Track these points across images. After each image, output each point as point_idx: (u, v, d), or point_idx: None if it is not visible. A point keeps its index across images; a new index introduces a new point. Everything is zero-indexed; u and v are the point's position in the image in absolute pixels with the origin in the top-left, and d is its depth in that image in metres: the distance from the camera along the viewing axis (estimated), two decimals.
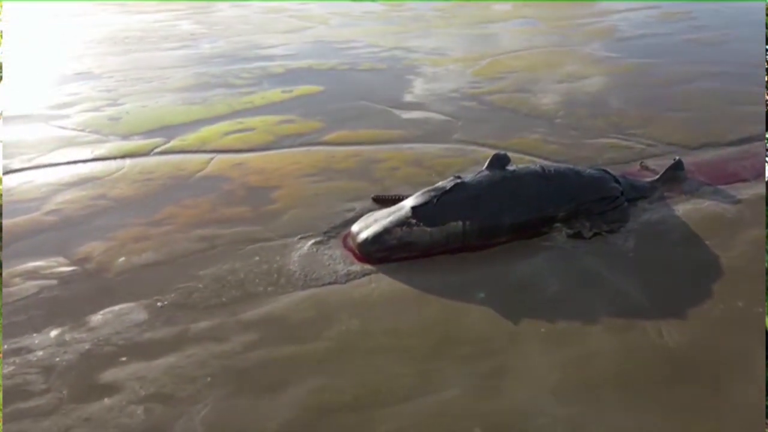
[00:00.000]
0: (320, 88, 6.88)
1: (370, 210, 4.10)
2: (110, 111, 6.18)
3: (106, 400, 2.58)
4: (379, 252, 3.65)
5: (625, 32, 9.87)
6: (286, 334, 2.99)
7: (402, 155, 5.06)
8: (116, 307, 3.16)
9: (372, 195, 4.31)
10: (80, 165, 4.89)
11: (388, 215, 3.81)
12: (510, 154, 5.14)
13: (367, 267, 3.55)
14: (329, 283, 3.39)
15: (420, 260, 3.63)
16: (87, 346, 2.89)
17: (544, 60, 8.13)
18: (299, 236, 3.85)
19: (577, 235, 3.88)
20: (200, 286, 3.36)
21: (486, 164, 4.09)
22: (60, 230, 3.92)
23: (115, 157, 5.05)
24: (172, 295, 3.27)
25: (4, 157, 5.02)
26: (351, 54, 8.31)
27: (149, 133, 5.59)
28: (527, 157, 5.03)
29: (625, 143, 5.33)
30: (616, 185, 4.13)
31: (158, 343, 2.92)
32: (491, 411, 2.55)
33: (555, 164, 4.24)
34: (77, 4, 11.78)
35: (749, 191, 4.42)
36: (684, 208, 4.20)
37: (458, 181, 3.87)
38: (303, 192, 4.42)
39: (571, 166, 4.25)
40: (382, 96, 6.55)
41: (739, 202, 4.28)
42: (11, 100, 6.45)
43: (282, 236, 3.86)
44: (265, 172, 4.75)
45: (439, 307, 3.20)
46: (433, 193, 3.81)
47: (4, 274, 3.40)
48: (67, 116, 6.05)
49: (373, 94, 6.63)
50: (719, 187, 4.54)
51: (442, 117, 5.99)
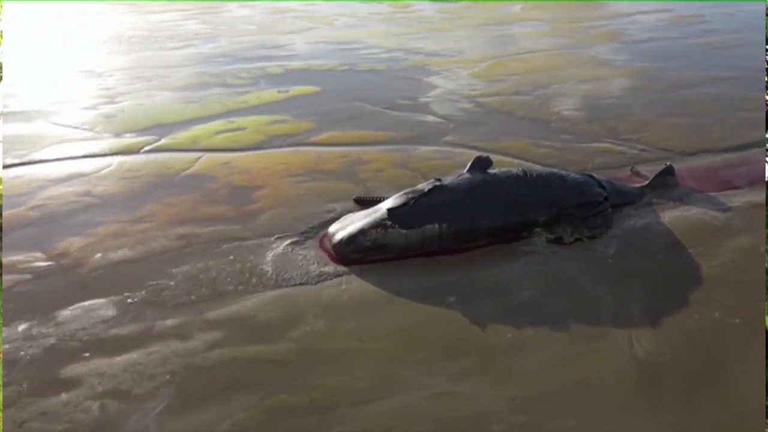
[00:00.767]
0: (316, 88, 6.88)
1: (350, 211, 4.09)
2: (107, 109, 6.25)
3: (64, 395, 2.60)
4: (353, 253, 3.63)
5: (633, 36, 9.75)
6: (250, 334, 2.98)
7: (389, 157, 5.04)
8: (86, 303, 3.19)
9: (354, 196, 4.30)
10: (70, 162, 4.95)
11: (365, 217, 3.79)
12: (499, 158, 5.14)
13: (341, 268, 3.53)
14: (300, 284, 3.38)
15: (395, 262, 3.60)
16: (52, 340, 2.92)
17: (546, 63, 8.05)
18: (276, 236, 3.85)
19: (558, 241, 3.83)
20: (171, 283, 3.37)
21: (467, 167, 4.05)
22: (41, 225, 3.97)
23: (105, 155, 5.10)
24: (143, 292, 3.29)
25: None
26: (351, 55, 8.31)
27: (142, 131, 5.64)
28: (516, 161, 4.98)
29: (618, 148, 5.25)
30: (600, 191, 4.06)
31: (122, 339, 2.93)
32: (447, 417, 2.51)
33: (538, 168, 4.18)
34: (89, 4, 11.95)
35: (741, 199, 4.32)
36: (671, 215, 4.11)
37: (437, 183, 3.84)
38: (285, 192, 4.42)
39: (554, 171, 4.19)
40: (377, 97, 6.53)
41: (728, 210, 4.19)
42: (12, 97, 6.57)
43: (259, 236, 3.86)
44: (250, 172, 4.76)
45: (408, 310, 3.17)
46: (410, 196, 3.79)
47: None
48: (64, 113, 6.13)
49: (369, 95, 6.62)
50: (711, 194, 4.45)
51: (435, 119, 5.96)
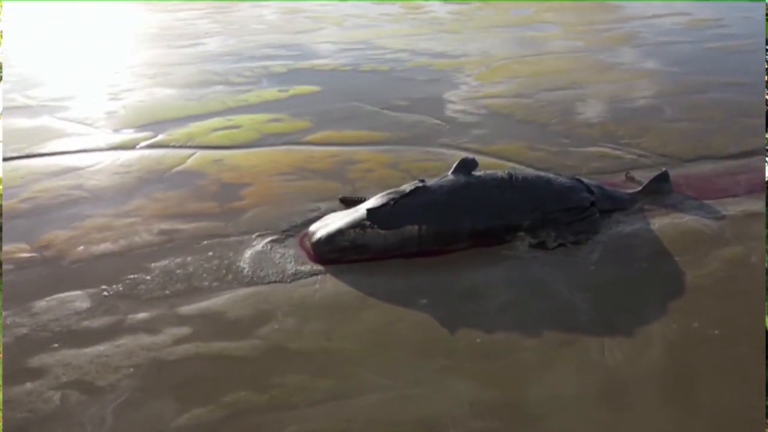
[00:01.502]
0: (317, 88, 6.90)
1: (335, 211, 4.08)
2: (109, 105, 6.35)
3: (28, 384, 2.63)
4: (331, 253, 3.62)
5: (646, 39, 9.57)
6: (218, 330, 2.99)
7: (380, 157, 5.02)
8: (63, 295, 3.23)
9: (340, 196, 4.30)
10: (66, 156, 5.04)
11: (346, 216, 3.78)
12: (492, 161, 5.10)
13: (317, 267, 3.52)
14: (274, 282, 3.38)
15: (373, 263, 3.58)
16: (25, 330, 2.96)
17: (553, 66, 7.95)
18: (257, 234, 3.86)
19: (540, 246, 3.77)
20: (148, 278, 3.40)
21: (452, 169, 4.02)
22: (30, 217, 4.04)
23: (101, 150, 5.18)
24: (119, 286, 3.32)
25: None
26: (356, 55, 8.31)
27: (140, 127, 5.71)
28: (509, 164, 4.92)
29: (615, 153, 5.15)
30: (587, 195, 3.99)
31: (93, 331, 2.97)
32: (403, 420, 2.49)
33: (524, 172, 4.12)
34: (109, 4, 12.16)
35: (737, 208, 4.20)
36: (661, 222, 4.02)
37: (419, 184, 3.82)
38: (272, 190, 4.43)
39: (541, 174, 4.13)
40: (376, 97, 6.52)
41: (722, 218, 4.07)
42: (18, 92, 6.71)
43: (241, 233, 3.87)
44: (240, 169, 4.79)
45: (378, 312, 3.15)
46: (392, 196, 3.77)
47: None
48: (67, 108, 6.25)
49: (369, 95, 6.61)
50: (706, 202, 4.33)
51: (433, 120, 5.92)
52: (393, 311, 3.15)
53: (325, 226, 3.76)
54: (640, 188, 4.44)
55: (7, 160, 4.92)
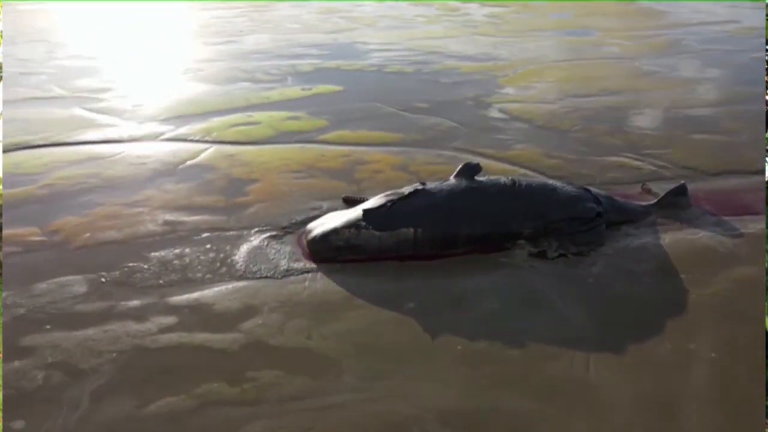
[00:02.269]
0: (340, 87, 6.93)
1: (337, 210, 4.09)
2: (136, 98, 6.56)
3: (16, 363, 2.74)
4: (325, 251, 3.63)
5: (688, 47, 9.20)
6: (203, 322, 3.04)
7: (391, 159, 5.00)
8: (63, 279, 3.35)
9: (343, 195, 4.30)
10: (88, 146, 5.23)
11: (343, 216, 3.78)
12: (505, 166, 5.00)
13: (310, 265, 3.53)
14: (265, 277, 3.41)
15: (367, 264, 3.57)
16: (22, 311, 3.09)
17: (585, 72, 7.74)
18: (257, 229, 3.91)
19: (541, 255, 3.67)
20: (145, 267, 3.49)
21: (455, 172, 3.96)
22: (46, 203, 4.22)
23: (122, 141, 5.36)
24: (117, 273, 3.42)
25: (29, 133, 5.48)
26: (383, 56, 8.32)
27: (163, 120, 5.87)
28: (521, 170, 4.82)
29: (635, 163, 4.96)
30: (593, 206, 3.85)
31: (85, 315, 3.07)
32: (368, 423, 2.46)
33: (528, 179, 4.02)
34: (154, 4, 12.58)
35: (757, 226, 3.98)
36: (672, 237, 3.85)
37: (418, 187, 3.78)
38: (278, 187, 4.48)
39: (546, 182, 4.02)
40: (397, 99, 6.50)
41: (739, 236, 3.87)
42: (54, 83, 7.02)
43: (241, 227, 3.93)
44: (251, 165, 4.86)
45: (363, 313, 3.13)
46: (390, 198, 3.74)
47: None
48: (98, 100, 6.50)
49: (390, 96, 6.60)
50: (725, 218, 4.12)
51: (451, 123, 5.85)
52: (378, 313, 3.13)
53: (321, 225, 3.76)
54: (654, 201, 4.27)
55: (33, 147, 5.16)
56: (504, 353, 2.86)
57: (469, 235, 3.68)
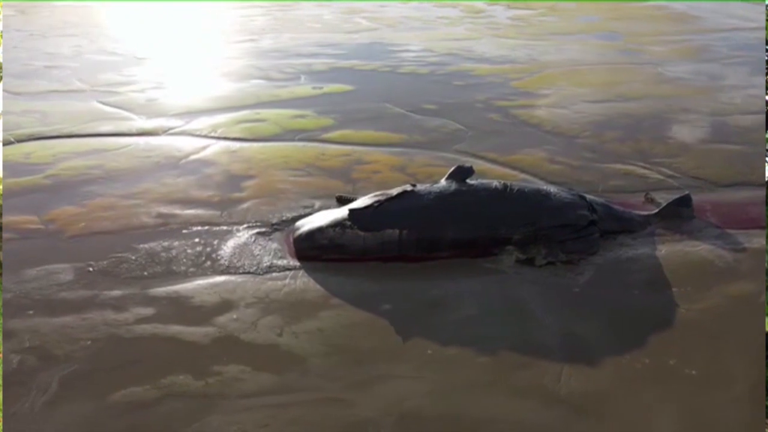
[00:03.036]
0: (351, 87, 6.93)
1: (329, 209, 4.09)
2: (152, 93, 6.70)
3: None
4: (310, 250, 3.63)
5: (716, 53, 8.88)
6: (179, 314, 3.07)
7: (391, 160, 4.97)
8: (52, 266, 3.44)
9: (336, 195, 4.29)
10: (98, 138, 5.36)
11: (330, 215, 3.77)
12: (505, 171, 4.92)
13: (293, 263, 3.54)
14: (247, 273, 3.43)
15: (351, 264, 3.55)
16: (8, 296, 3.18)
17: (604, 77, 7.54)
18: (247, 225, 3.94)
19: (528, 262, 3.59)
20: (133, 258, 3.55)
21: (446, 175, 3.91)
22: (48, 192, 4.34)
23: (131, 134, 5.48)
24: (104, 263, 3.50)
25: (44, 124, 5.65)
26: (399, 57, 8.28)
27: (173, 115, 5.98)
28: (522, 175, 4.73)
29: (641, 171, 4.81)
30: (586, 213, 3.75)
31: (67, 303, 3.14)
32: (325, 423, 2.45)
33: (521, 183, 3.93)
34: (187, 4, 12.80)
35: (762, 241, 3.81)
36: (669, 249, 3.72)
37: (408, 188, 3.74)
38: (274, 184, 4.50)
39: (540, 187, 3.93)
40: (406, 100, 6.46)
41: (741, 251, 3.71)
42: (74, 77, 7.24)
43: (232, 223, 3.96)
44: (251, 162, 4.90)
45: (338, 313, 3.11)
46: (377, 198, 3.72)
47: None
48: (115, 94, 6.65)
49: (399, 97, 6.56)
50: (728, 231, 3.96)
51: (457, 126, 5.78)
52: (352, 314, 3.11)
53: (308, 223, 3.77)
54: (656, 210, 4.13)
55: (45, 138, 5.32)
56: (474, 360, 2.81)
57: (456, 238, 3.63)
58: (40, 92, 6.71)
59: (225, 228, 3.90)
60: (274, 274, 3.43)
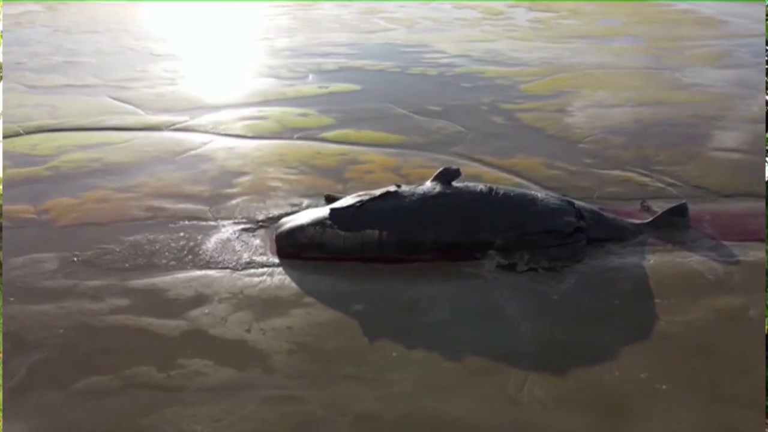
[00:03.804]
0: (357, 87, 6.94)
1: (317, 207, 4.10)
2: (162, 89, 6.83)
3: None
4: (290, 247, 3.64)
5: (738, 59, 8.59)
6: (153, 306, 3.12)
7: (386, 160, 4.95)
8: (39, 255, 3.54)
9: (325, 193, 4.29)
10: (102, 132, 5.49)
11: (313, 213, 3.78)
12: (501, 174, 4.85)
13: (272, 260, 3.56)
14: (226, 268, 3.46)
15: (331, 263, 3.55)
16: None
17: (617, 81, 7.38)
18: (233, 221, 3.98)
19: (510, 267, 3.53)
20: (117, 249, 3.62)
21: (432, 177, 3.87)
22: (47, 183, 4.46)
23: (135, 129, 5.59)
24: (89, 253, 3.57)
25: (53, 117, 5.82)
26: (410, 58, 8.25)
27: (179, 111, 6.08)
28: (517, 179, 4.65)
29: (641, 179, 4.68)
30: (572, 220, 3.66)
31: (47, 291, 3.22)
32: (279, 421, 2.44)
33: (507, 187, 3.86)
34: (206, 4, 12.99)
35: (759, 254, 3.66)
36: (659, 259, 3.61)
37: (390, 190, 3.72)
38: (266, 182, 4.53)
39: (527, 192, 3.86)
40: (411, 101, 6.43)
41: (735, 263, 3.57)
42: (88, 72, 7.43)
43: (218, 218, 4.00)
44: (246, 158, 4.95)
45: (309, 311, 3.11)
46: (360, 198, 3.71)
47: None
48: (126, 89, 6.81)
49: (405, 98, 6.53)
50: (726, 243, 3.82)
51: (458, 128, 5.73)
52: (323, 313, 3.11)
53: (291, 221, 3.78)
54: (649, 219, 4.01)
55: (52, 131, 5.47)
56: (439, 364, 2.77)
57: (437, 241, 3.59)
58: (55, 86, 6.91)
59: (211, 223, 3.95)
60: (251, 271, 3.45)
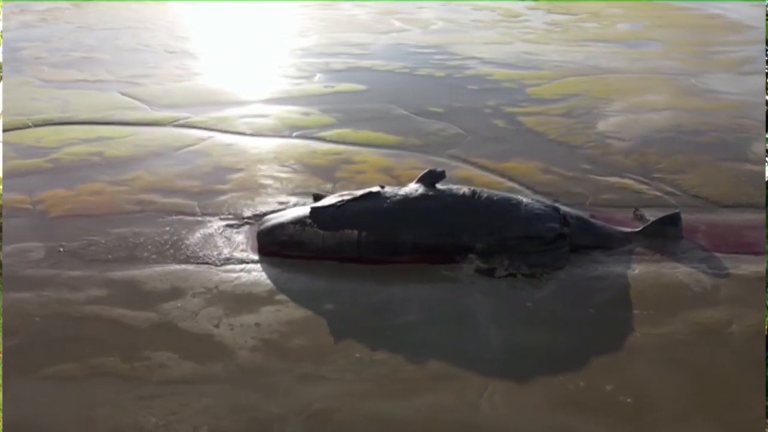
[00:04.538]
0: (362, 87, 6.94)
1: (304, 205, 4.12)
2: (170, 86, 6.95)
3: None
4: (270, 245, 3.67)
5: (759, 65, 8.28)
6: (128, 298, 3.17)
7: (380, 161, 4.95)
8: (27, 244, 3.64)
9: (314, 192, 4.31)
10: (107, 126, 5.62)
11: (295, 212, 3.79)
12: (494, 178, 4.80)
13: (251, 256, 3.59)
14: (205, 263, 3.51)
15: (308, 262, 3.56)
16: None
17: (628, 86, 7.21)
18: (219, 217, 4.02)
19: (488, 272, 3.48)
20: (103, 241, 3.70)
21: (417, 178, 3.85)
22: (46, 175, 4.59)
23: (138, 124, 5.70)
24: (75, 244, 3.66)
25: (62, 111, 5.98)
26: (419, 59, 8.22)
27: (185, 107, 6.18)
28: (510, 184, 4.59)
29: (638, 186, 4.57)
30: (555, 226, 3.60)
31: (29, 279, 3.31)
32: (233, 416, 2.46)
33: (491, 191, 3.81)
34: (228, 4, 13.14)
35: (751, 267, 3.54)
36: (644, 269, 3.52)
37: (372, 190, 3.71)
38: (257, 179, 4.57)
39: (510, 197, 3.80)
40: (414, 102, 6.41)
41: (724, 276, 3.46)
42: (105, 69, 7.61)
43: (205, 214, 4.06)
44: (241, 155, 5.00)
45: (279, 308, 3.13)
46: (342, 198, 3.71)
47: None
48: (136, 85, 6.96)
49: (408, 99, 6.51)
50: (717, 255, 3.70)
51: (458, 130, 5.69)
52: (293, 311, 3.12)
53: (273, 219, 3.81)
54: (639, 228, 3.91)
55: (58, 124, 5.62)
56: (401, 366, 2.75)
57: (416, 243, 3.57)
58: (69, 81, 7.10)
59: (197, 218, 4.00)
60: (229, 266, 3.49)
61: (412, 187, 3.75)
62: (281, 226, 3.66)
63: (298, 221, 3.64)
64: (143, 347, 2.83)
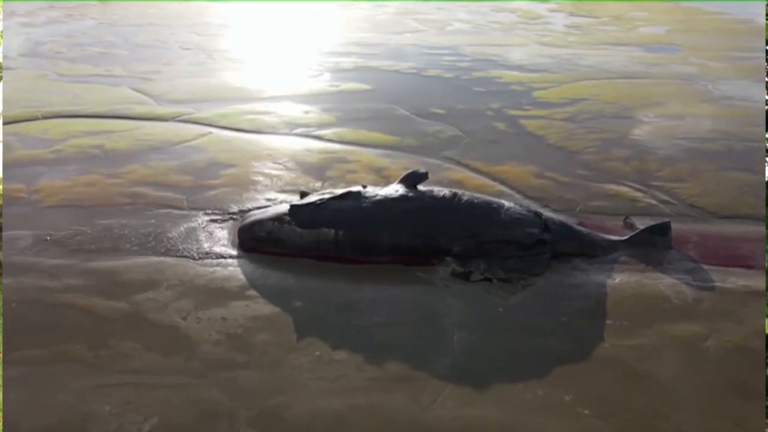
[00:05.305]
0: (368, 87, 6.95)
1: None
2: (179, 82, 7.08)
3: None
4: (249, 241, 3.70)
5: None
6: (103, 288, 3.25)
7: (373, 161, 4.94)
8: (16, 232, 3.75)
9: (301, 190, 4.33)
10: (112, 120, 5.75)
11: (275, 209, 3.82)
12: (485, 181, 4.75)
13: (230, 251, 3.63)
14: (183, 256, 3.56)
15: (286, 259, 3.58)
16: None
17: (641, 92, 7.05)
18: (205, 211, 4.08)
19: (464, 276, 3.45)
20: (89, 231, 3.79)
21: (399, 179, 3.83)
22: (46, 165, 4.73)
23: (142, 119, 5.83)
24: (63, 233, 3.76)
25: (72, 104, 6.15)
26: (430, 60, 8.18)
27: (190, 103, 6.28)
28: (500, 187, 4.54)
29: (633, 194, 4.46)
30: (534, 231, 3.53)
31: (14, 267, 3.41)
32: (185, 407, 2.49)
33: (472, 194, 3.76)
34: (253, 4, 13.30)
35: (739, 281, 3.42)
36: (625, 279, 3.43)
37: (353, 190, 3.71)
38: (249, 175, 4.62)
39: (491, 200, 3.74)
40: (417, 103, 6.38)
41: (708, 290, 3.35)
42: (120, 65, 7.79)
43: (192, 208, 4.12)
44: (237, 152, 5.06)
45: (249, 304, 3.15)
46: (324, 196, 3.72)
47: None
48: (147, 81, 7.10)
49: (412, 100, 6.49)
50: (706, 267, 3.59)
51: (456, 132, 5.64)
52: (262, 307, 3.14)
53: (255, 215, 3.84)
54: (626, 237, 3.81)
55: (66, 117, 5.79)
56: (359, 366, 2.75)
57: (393, 244, 3.55)
58: (83, 75, 7.30)
59: (184, 212, 4.06)
60: (207, 261, 3.54)
61: (392, 188, 3.74)
62: (260, 223, 3.69)
63: (277, 218, 3.67)
64: (110, 336, 2.90)
